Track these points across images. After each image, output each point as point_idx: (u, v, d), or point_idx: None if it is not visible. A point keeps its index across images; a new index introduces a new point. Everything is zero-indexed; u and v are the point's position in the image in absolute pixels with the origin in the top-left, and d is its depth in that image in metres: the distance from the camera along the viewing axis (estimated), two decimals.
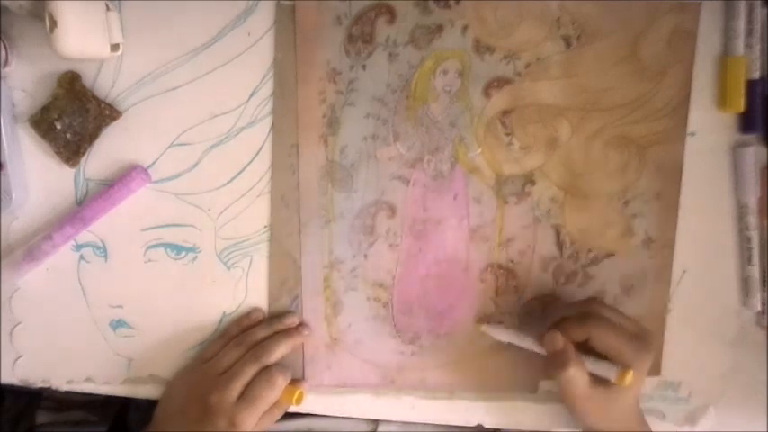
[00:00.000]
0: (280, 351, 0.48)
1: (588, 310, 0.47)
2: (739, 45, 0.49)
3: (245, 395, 0.46)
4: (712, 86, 0.50)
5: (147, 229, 0.50)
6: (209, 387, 0.47)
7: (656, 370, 0.53)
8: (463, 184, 0.50)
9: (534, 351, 0.48)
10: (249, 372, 0.47)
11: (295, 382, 0.50)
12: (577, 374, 0.45)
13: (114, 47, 0.46)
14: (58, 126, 0.47)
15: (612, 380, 0.45)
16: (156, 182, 0.50)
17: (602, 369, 0.45)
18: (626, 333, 0.46)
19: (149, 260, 0.50)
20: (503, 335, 0.50)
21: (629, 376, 0.44)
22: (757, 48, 0.49)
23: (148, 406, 0.51)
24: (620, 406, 0.47)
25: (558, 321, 0.47)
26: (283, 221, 0.50)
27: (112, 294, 0.51)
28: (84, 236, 0.50)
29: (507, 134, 0.50)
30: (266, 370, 0.48)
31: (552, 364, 0.46)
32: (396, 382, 0.52)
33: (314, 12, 0.48)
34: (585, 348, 0.46)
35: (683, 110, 0.50)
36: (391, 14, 0.48)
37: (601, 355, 0.46)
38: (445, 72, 0.49)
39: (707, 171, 0.51)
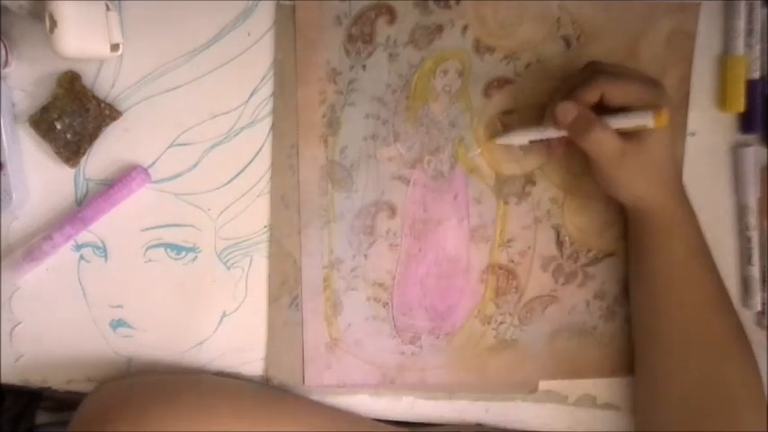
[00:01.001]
0: None
1: (591, 72, 0.44)
2: (739, 45, 0.49)
3: None
4: (712, 86, 0.50)
5: (147, 229, 0.50)
6: None
7: None
8: (463, 185, 0.50)
9: (558, 137, 0.45)
10: None
11: None
12: (604, 134, 0.42)
13: (114, 47, 0.46)
14: (58, 126, 0.47)
15: (650, 124, 0.41)
16: (156, 182, 0.50)
17: (634, 119, 0.42)
18: (638, 79, 0.43)
19: (149, 260, 0.50)
20: (520, 137, 0.47)
21: (666, 114, 0.41)
22: (757, 48, 0.49)
23: None
24: (657, 157, 0.44)
25: (565, 96, 0.44)
26: (283, 221, 0.50)
27: (112, 294, 0.51)
28: (84, 236, 0.50)
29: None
30: None
31: (575, 134, 0.43)
32: (396, 382, 0.52)
33: (314, 12, 0.48)
34: (602, 112, 0.43)
35: (682, 110, 0.50)
36: (391, 14, 0.48)
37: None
38: (445, 72, 0.49)
39: (707, 171, 0.51)
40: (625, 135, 0.43)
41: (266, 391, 0.51)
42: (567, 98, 0.43)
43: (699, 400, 0.46)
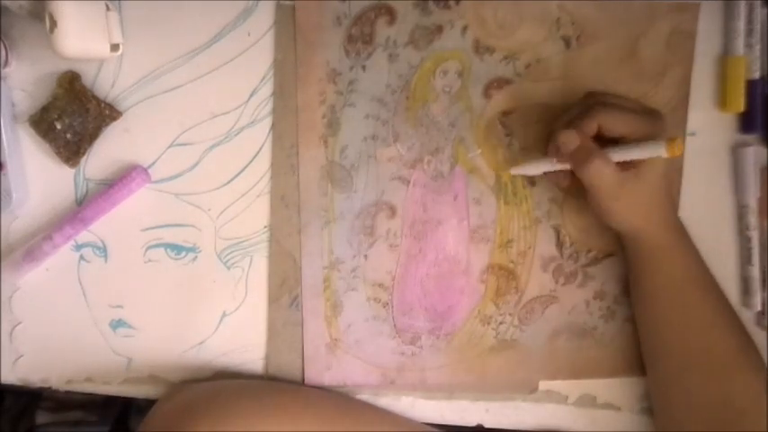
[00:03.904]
0: None
1: (589, 103, 0.44)
2: (739, 45, 0.49)
3: None
4: (712, 86, 0.50)
5: (147, 229, 0.50)
6: None
7: None
8: (463, 185, 0.50)
9: (556, 169, 0.46)
10: None
11: None
12: (604, 165, 0.42)
13: (114, 47, 0.46)
14: (58, 126, 0.47)
15: (664, 154, 0.41)
16: (156, 182, 0.50)
17: (646, 150, 0.42)
18: (636, 110, 0.43)
19: (149, 260, 0.50)
20: (534, 168, 0.47)
21: (681, 143, 0.40)
22: (757, 48, 0.49)
23: (149, 407, 0.51)
24: (653, 188, 0.44)
25: (564, 126, 0.44)
26: (283, 221, 0.50)
27: (112, 294, 0.51)
28: (85, 236, 0.50)
29: (507, 135, 0.50)
30: None
31: (575, 164, 0.43)
32: (396, 383, 0.52)
33: (314, 12, 0.48)
34: (605, 144, 0.43)
35: (682, 110, 0.50)
36: (391, 15, 0.48)
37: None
38: (445, 72, 0.49)
39: (707, 171, 0.51)
40: (622, 166, 0.43)
41: (340, 396, 0.52)
42: (567, 128, 0.44)
43: (707, 418, 0.46)
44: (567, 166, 0.45)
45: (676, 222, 0.48)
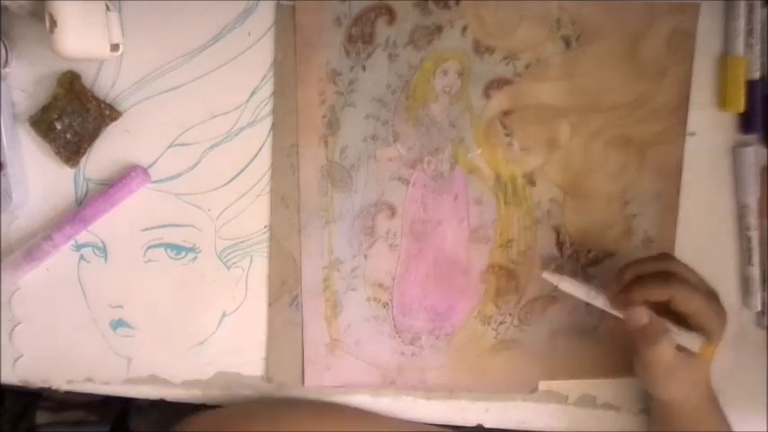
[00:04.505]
0: None
1: (668, 269, 0.44)
2: (739, 45, 0.49)
3: None
4: (712, 86, 0.50)
5: (147, 229, 0.50)
6: None
7: None
8: (463, 185, 0.50)
9: (605, 310, 0.46)
10: None
11: None
12: (666, 349, 0.42)
13: (114, 47, 0.46)
14: (58, 126, 0.47)
15: (696, 350, 0.43)
16: (156, 182, 0.50)
17: (687, 340, 0.43)
18: (707, 295, 0.43)
19: (149, 260, 0.50)
20: (569, 286, 0.46)
21: (712, 350, 0.42)
22: (757, 48, 0.49)
23: (149, 408, 0.51)
24: (698, 373, 0.46)
25: (633, 280, 0.44)
26: (283, 221, 0.50)
27: (112, 294, 0.51)
28: (85, 236, 0.50)
29: (507, 135, 0.50)
30: None
31: (640, 338, 0.43)
32: (396, 383, 0.52)
33: (314, 12, 0.48)
34: (658, 310, 0.43)
35: (682, 110, 0.50)
36: (391, 15, 0.48)
37: (676, 316, 0.44)
38: (445, 73, 0.49)
39: (707, 171, 0.51)
40: (678, 348, 0.44)
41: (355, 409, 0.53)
42: (636, 286, 0.44)
43: None
44: (615, 312, 0.45)
45: (710, 393, 0.49)
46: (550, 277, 0.47)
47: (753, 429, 0.53)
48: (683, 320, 0.44)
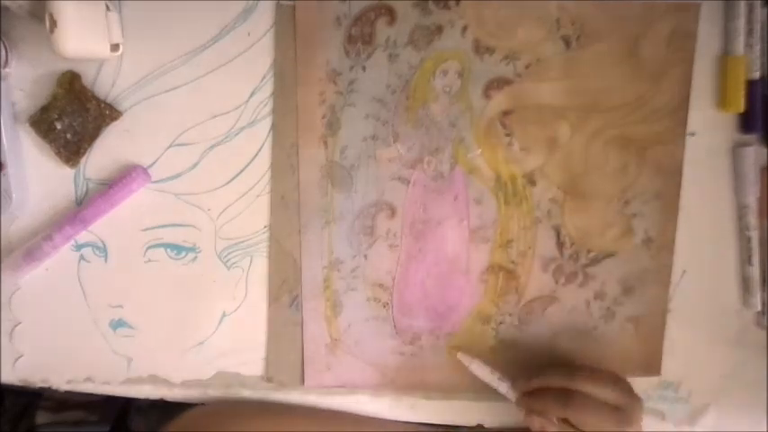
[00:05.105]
0: None
1: (571, 387, 0.46)
2: (739, 45, 0.49)
3: None
4: (712, 86, 0.50)
5: (147, 229, 0.50)
6: None
7: (656, 370, 0.53)
8: (463, 185, 0.50)
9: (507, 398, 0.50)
10: None
11: None
12: None
13: (114, 47, 0.46)
14: (58, 126, 0.47)
15: None
16: (156, 182, 0.50)
17: None
18: (607, 412, 0.45)
19: (149, 260, 0.50)
20: (478, 370, 0.50)
21: None
22: (757, 48, 0.49)
23: (149, 408, 0.51)
24: None
25: (538, 389, 0.47)
26: (283, 221, 0.50)
27: (112, 294, 0.51)
28: (84, 236, 0.50)
29: (507, 135, 0.50)
30: None
31: None
32: (396, 383, 0.52)
33: (314, 12, 0.48)
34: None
35: (682, 110, 0.50)
36: (391, 15, 0.48)
37: None
38: (445, 73, 0.49)
39: (707, 171, 0.51)
40: None
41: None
42: (539, 397, 0.47)
43: None
44: (517, 407, 0.49)
45: None
46: (463, 359, 0.51)
47: (753, 429, 0.53)
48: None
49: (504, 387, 0.50)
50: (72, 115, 0.47)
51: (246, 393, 0.52)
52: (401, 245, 0.51)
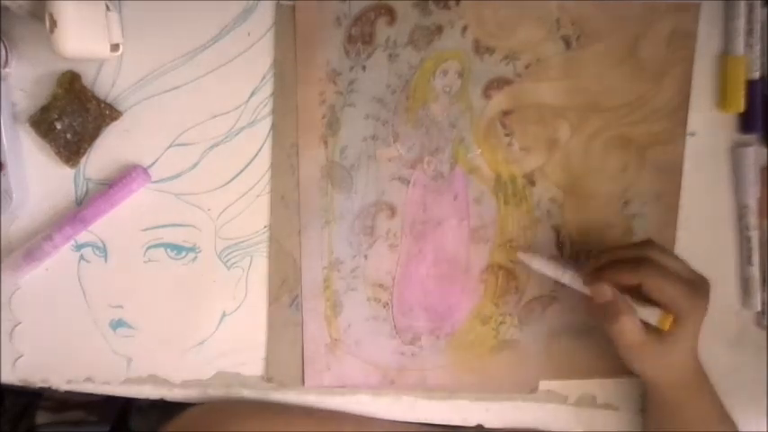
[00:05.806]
0: None
1: (642, 255, 0.45)
2: (739, 45, 0.49)
3: None
4: (712, 86, 0.50)
5: (147, 229, 0.50)
6: None
7: None
8: (463, 185, 0.50)
9: (574, 288, 0.47)
10: None
11: None
12: (628, 325, 0.43)
13: (114, 47, 0.46)
14: (58, 126, 0.47)
15: (654, 323, 0.43)
16: (156, 182, 0.50)
17: (646, 314, 0.44)
18: (680, 281, 0.44)
19: (149, 260, 0.50)
20: (540, 264, 0.48)
21: (669, 321, 0.43)
22: (757, 48, 0.49)
23: (149, 408, 0.51)
24: (676, 353, 0.45)
25: (607, 264, 0.46)
26: (283, 221, 0.50)
27: (112, 294, 0.51)
28: (84, 236, 0.50)
29: (507, 135, 0.50)
30: None
31: (601, 316, 0.45)
32: (396, 383, 0.52)
33: (314, 12, 0.48)
34: (636, 291, 0.44)
35: (682, 110, 0.50)
36: (391, 15, 0.48)
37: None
38: (445, 73, 0.49)
39: (707, 171, 0.51)
40: (648, 326, 0.44)
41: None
42: (609, 270, 0.45)
43: None
44: (581, 289, 0.46)
45: (698, 369, 0.48)
46: (524, 257, 0.49)
47: (753, 429, 0.53)
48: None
49: (568, 277, 0.47)
50: (72, 115, 0.47)
51: (246, 393, 0.52)
52: (401, 245, 0.51)
